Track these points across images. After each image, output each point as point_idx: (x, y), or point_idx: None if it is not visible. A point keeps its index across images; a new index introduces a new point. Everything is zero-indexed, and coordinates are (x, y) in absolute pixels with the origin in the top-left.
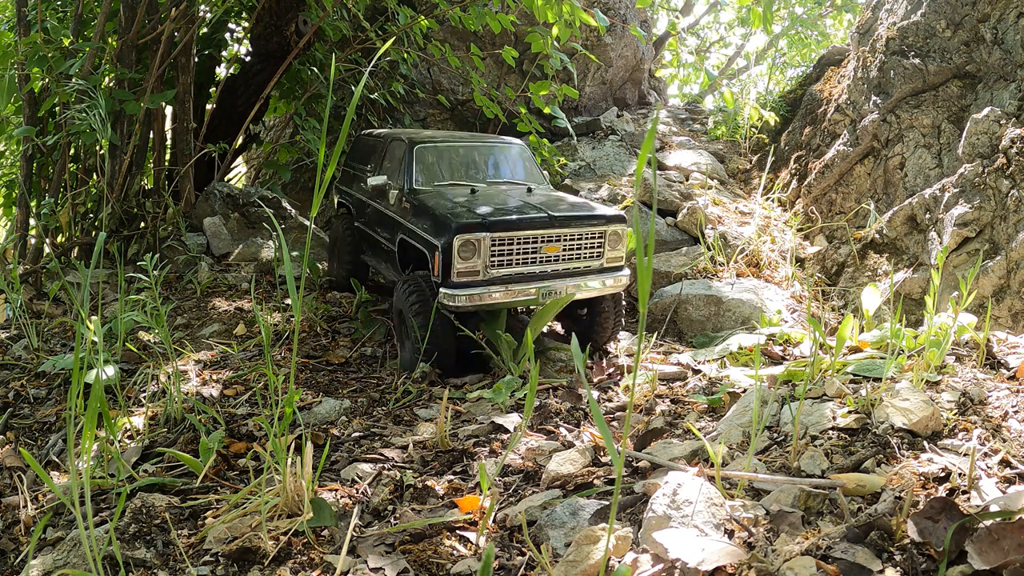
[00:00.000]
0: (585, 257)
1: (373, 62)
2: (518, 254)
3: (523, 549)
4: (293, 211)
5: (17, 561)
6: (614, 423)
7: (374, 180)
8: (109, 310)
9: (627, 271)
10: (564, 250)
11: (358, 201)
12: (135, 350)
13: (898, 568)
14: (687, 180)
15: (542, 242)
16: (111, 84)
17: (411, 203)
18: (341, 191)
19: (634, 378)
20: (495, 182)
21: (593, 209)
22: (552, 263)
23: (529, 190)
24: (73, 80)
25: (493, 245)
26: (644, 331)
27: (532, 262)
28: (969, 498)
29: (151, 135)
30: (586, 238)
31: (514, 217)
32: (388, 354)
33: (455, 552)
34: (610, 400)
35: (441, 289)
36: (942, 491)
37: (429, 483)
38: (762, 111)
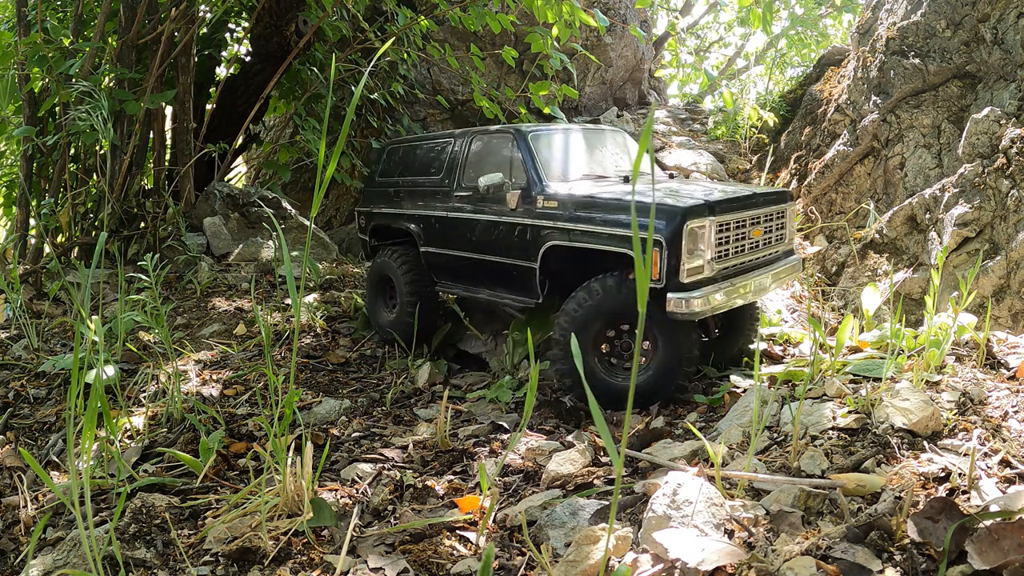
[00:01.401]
0: (775, 241)
1: (373, 63)
2: (733, 242)
3: (523, 549)
4: (293, 211)
5: (17, 561)
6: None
7: (488, 179)
8: (109, 310)
9: (798, 255)
10: (765, 233)
11: (431, 219)
12: (135, 350)
13: (898, 568)
14: None
15: (750, 225)
16: (111, 84)
17: (561, 200)
18: (379, 216)
19: (633, 378)
20: (622, 172)
21: (755, 187)
22: (755, 250)
23: (671, 176)
24: (75, 81)
25: (716, 233)
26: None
27: (740, 250)
28: (969, 498)
29: (151, 135)
30: (776, 218)
31: (732, 196)
32: (387, 354)
33: (455, 552)
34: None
35: (669, 295)
36: (942, 491)
37: (429, 483)
38: (761, 112)
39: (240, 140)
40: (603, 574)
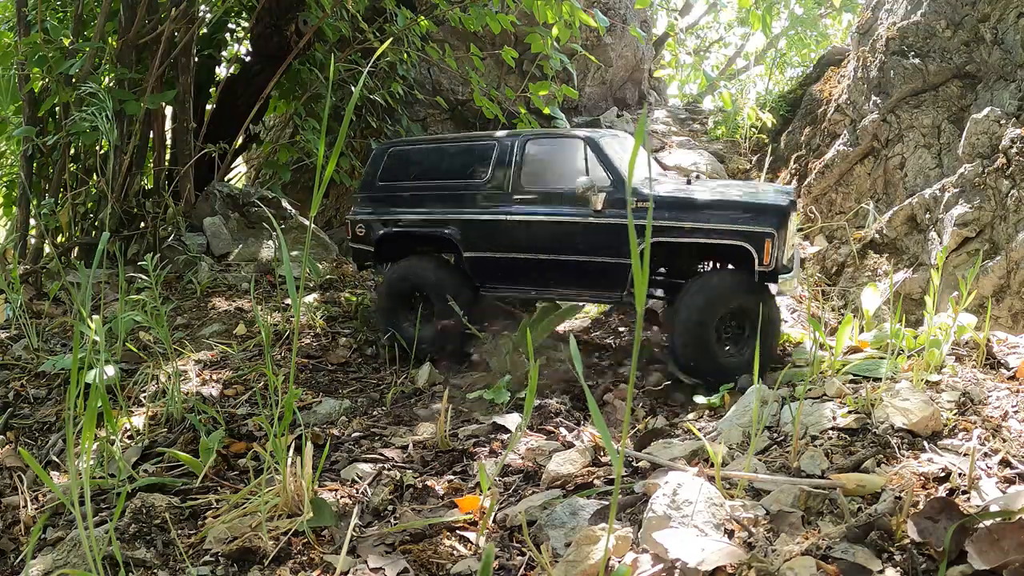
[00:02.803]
0: None
1: (371, 63)
2: None
3: (523, 549)
4: (293, 211)
5: (17, 561)
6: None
7: (582, 183)
8: (109, 310)
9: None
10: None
11: (479, 223)
12: (135, 350)
13: (898, 568)
14: None
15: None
16: (111, 84)
17: (662, 201)
18: (393, 222)
19: (632, 378)
20: (663, 173)
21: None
22: None
23: (698, 177)
24: (75, 81)
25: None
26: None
27: None
28: (969, 498)
29: (151, 135)
30: None
31: (791, 198)
32: (386, 355)
33: (455, 552)
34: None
35: (780, 276)
36: (942, 491)
37: (429, 483)
38: (760, 112)
39: (240, 140)
40: (603, 574)
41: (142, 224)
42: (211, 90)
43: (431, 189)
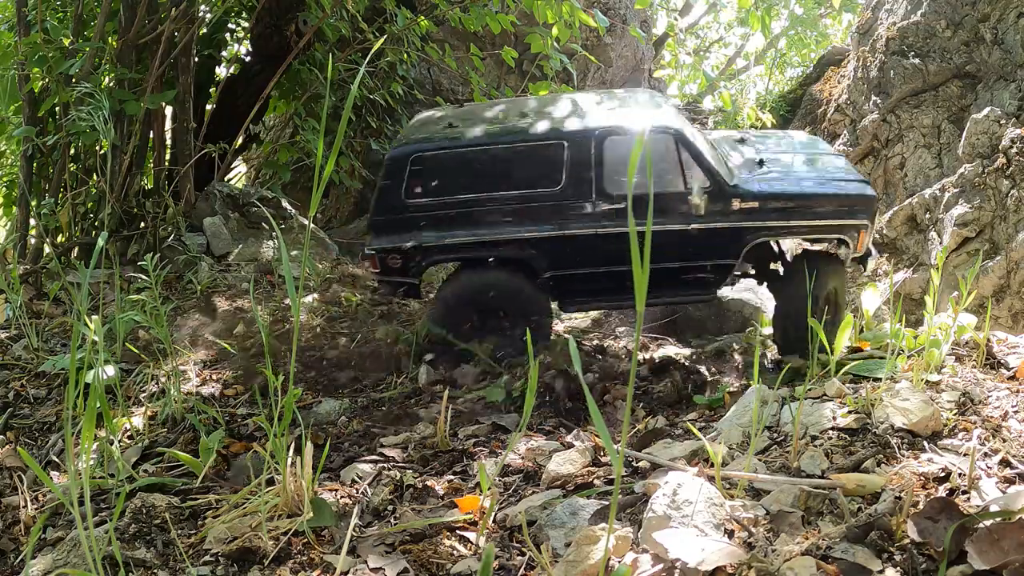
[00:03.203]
0: None
1: (367, 61)
2: None
3: (523, 549)
4: (293, 211)
5: (17, 561)
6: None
7: (696, 187)
8: (109, 310)
9: None
10: None
11: (562, 239)
12: (135, 350)
13: (898, 568)
14: None
15: None
16: (111, 84)
17: (761, 198)
18: (441, 248)
19: (632, 378)
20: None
21: None
22: None
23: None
24: (74, 80)
25: None
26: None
27: None
28: (969, 498)
29: (151, 135)
30: None
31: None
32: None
33: (455, 552)
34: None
35: (869, 259)
36: (942, 491)
37: (429, 483)
38: (759, 112)
39: (240, 140)
40: (603, 574)
41: (142, 224)
42: (211, 90)
43: (488, 203)
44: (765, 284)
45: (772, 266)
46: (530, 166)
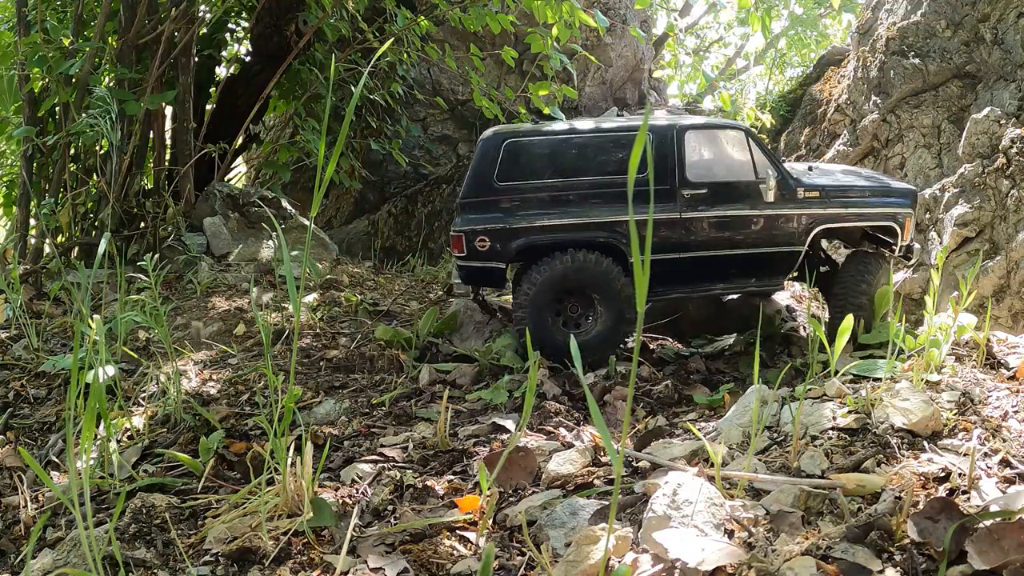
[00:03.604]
0: None
1: (372, 63)
2: None
3: (523, 549)
4: (293, 211)
5: (17, 561)
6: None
7: (771, 174)
8: (109, 310)
9: None
10: None
11: (652, 224)
12: (133, 354)
13: (898, 568)
14: None
15: None
16: (111, 84)
17: (822, 190)
18: (535, 230)
19: (632, 377)
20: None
21: None
22: None
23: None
24: (75, 81)
25: None
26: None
27: None
28: (969, 498)
29: (151, 135)
30: None
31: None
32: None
33: (455, 552)
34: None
35: (912, 251)
36: (942, 491)
37: (429, 483)
38: (759, 113)
39: (240, 140)
40: (603, 574)
41: (142, 224)
42: (211, 90)
43: (578, 188)
44: (816, 285)
45: (822, 269)
46: (615, 155)
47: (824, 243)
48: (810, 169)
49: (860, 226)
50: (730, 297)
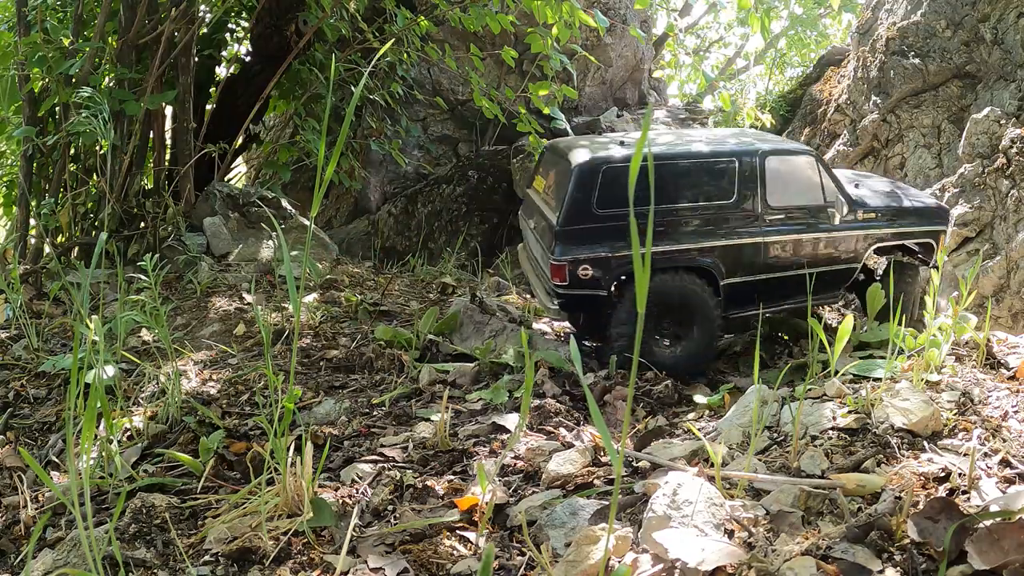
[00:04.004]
0: None
1: (372, 63)
2: None
3: (523, 549)
4: (293, 211)
5: (17, 561)
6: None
7: (841, 199)
8: (109, 310)
9: None
10: None
11: (738, 248)
12: (132, 357)
13: (898, 568)
14: None
15: None
16: (111, 84)
17: (878, 211)
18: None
19: (632, 377)
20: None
21: None
22: None
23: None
24: (75, 81)
25: None
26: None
27: None
28: (969, 498)
29: (151, 135)
30: None
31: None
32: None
33: (455, 552)
34: None
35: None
36: (942, 491)
37: (429, 483)
38: (758, 114)
39: (240, 140)
40: (603, 574)
41: (142, 224)
42: (211, 90)
43: (673, 213)
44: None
45: (861, 277)
46: (707, 181)
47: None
48: (856, 186)
49: (907, 244)
50: None
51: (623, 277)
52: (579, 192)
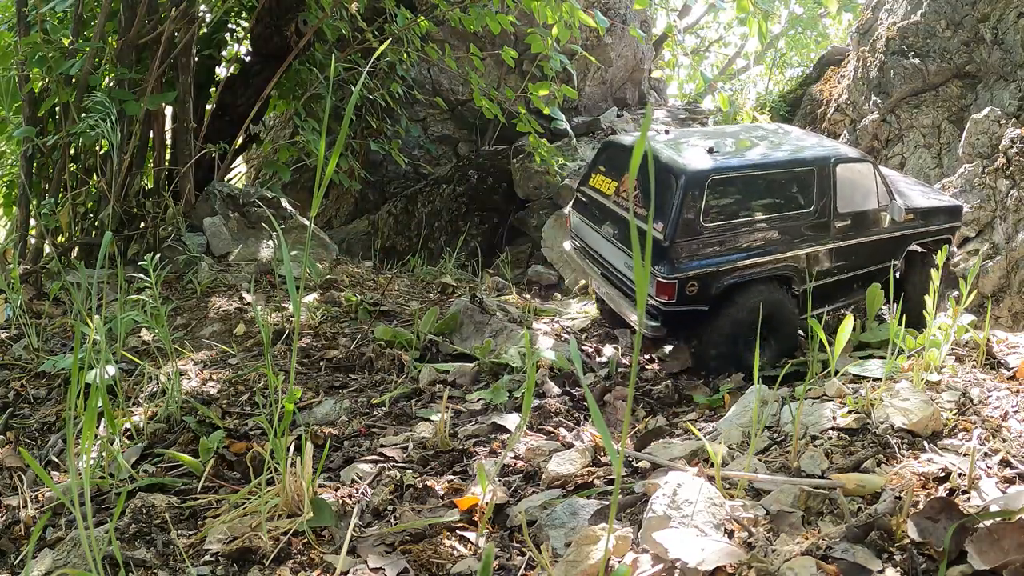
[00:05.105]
0: None
1: (371, 63)
2: None
3: (523, 549)
4: (293, 211)
5: (17, 561)
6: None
7: (899, 204)
8: (109, 310)
9: None
10: None
11: (817, 256)
12: (132, 357)
13: (898, 568)
14: None
15: None
16: (111, 84)
17: (916, 212)
18: (735, 271)
19: (632, 377)
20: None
21: None
22: None
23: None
24: (75, 81)
25: None
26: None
27: None
28: (969, 498)
29: (151, 135)
30: None
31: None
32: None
33: (455, 552)
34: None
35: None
36: (942, 491)
37: (429, 483)
38: (756, 115)
39: (240, 140)
40: (603, 574)
41: (142, 224)
42: (211, 90)
43: (763, 225)
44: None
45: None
46: (792, 190)
47: None
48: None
49: (932, 241)
50: None
51: (723, 290)
52: (686, 206)
